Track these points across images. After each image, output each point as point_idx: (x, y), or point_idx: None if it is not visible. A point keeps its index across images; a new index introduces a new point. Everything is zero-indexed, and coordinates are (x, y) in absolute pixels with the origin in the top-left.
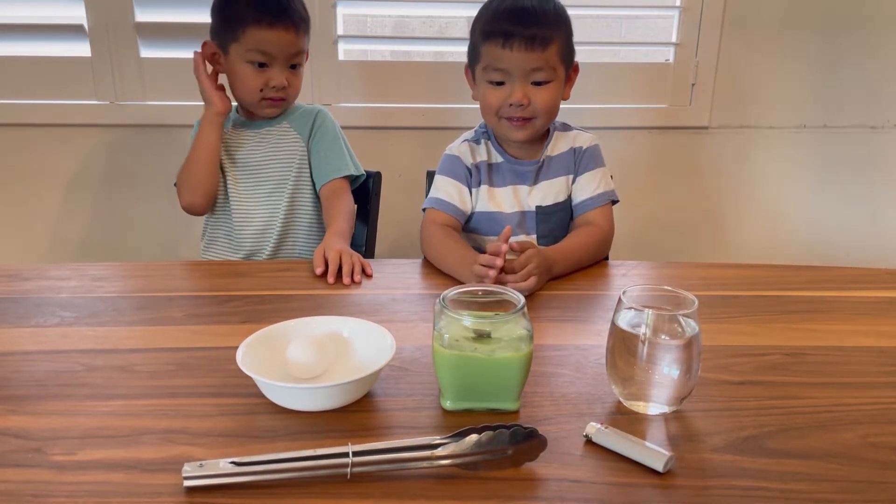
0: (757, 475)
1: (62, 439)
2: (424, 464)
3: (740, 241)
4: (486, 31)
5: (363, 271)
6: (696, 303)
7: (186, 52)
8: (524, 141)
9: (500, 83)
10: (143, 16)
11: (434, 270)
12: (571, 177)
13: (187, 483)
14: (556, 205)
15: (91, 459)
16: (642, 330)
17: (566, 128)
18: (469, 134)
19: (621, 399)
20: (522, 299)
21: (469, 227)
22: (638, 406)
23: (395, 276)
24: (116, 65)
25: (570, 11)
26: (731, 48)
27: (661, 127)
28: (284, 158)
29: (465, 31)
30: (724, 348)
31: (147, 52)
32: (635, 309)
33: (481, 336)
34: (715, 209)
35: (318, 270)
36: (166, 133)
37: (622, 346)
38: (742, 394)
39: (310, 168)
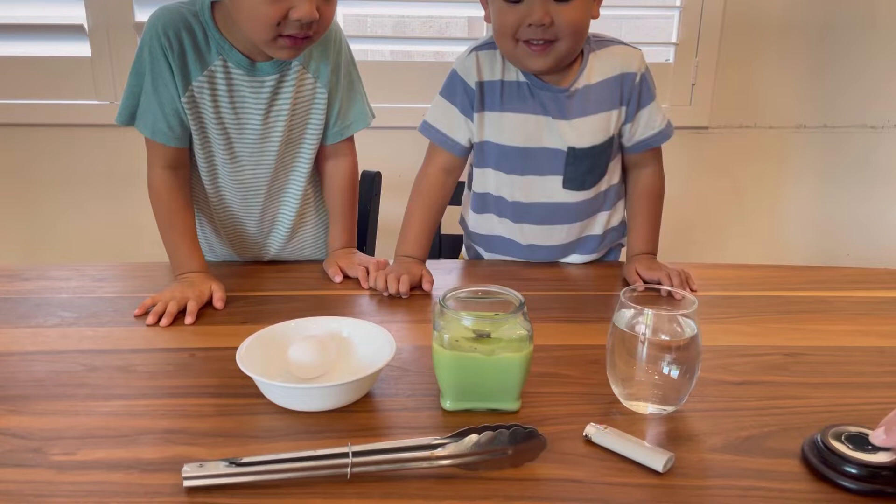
0: (757, 475)
1: (62, 439)
2: (424, 464)
3: (740, 241)
4: None
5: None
6: (696, 303)
7: None
8: (546, 71)
9: (518, 1)
10: (143, 16)
11: (434, 270)
12: (620, 111)
13: (187, 483)
14: (594, 147)
15: (91, 459)
16: (642, 330)
17: (602, 44)
18: (483, 40)
19: (621, 399)
20: (522, 299)
21: (477, 161)
22: (638, 406)
23: None
24: (116, 65)
25: None
26: (731, 48)
27: None
28: (300, 116)
29: (465, 32)
30: (724, 348)
31: None
32: (635, 309)
33: (481, 336)
34: (715, 209)
35: (338, 279)
36: None
37: (622, 346)
38: (742, 394)
39: (324, 118)
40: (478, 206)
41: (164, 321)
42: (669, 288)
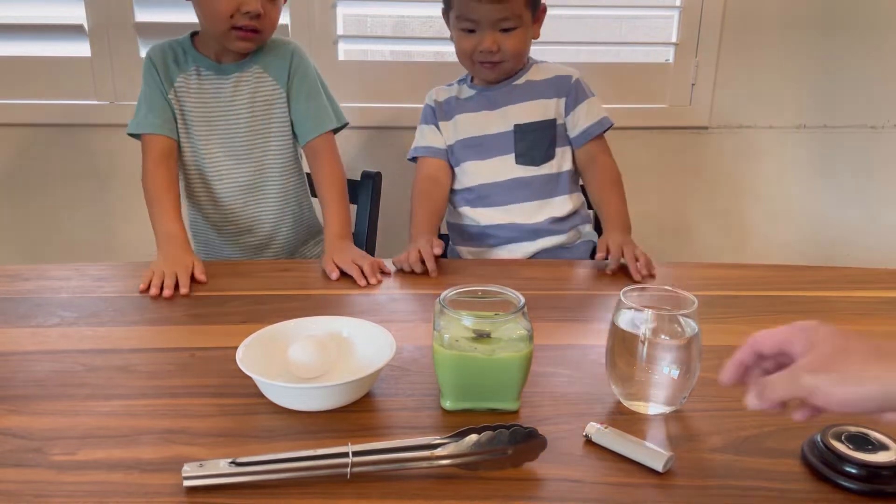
0: (757, 475)
1: (62, 439)
2: (424, 464)
3: (740, 241)
4: None
5: (381, 271)
6: (696, 303)
7: None
8: (496, 80)
9: (472, 31)
10: (143, 16)
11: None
12: (558, 101)
13: (187, 483)
14: (535, 123)
15: (91, 459)
16: (642, 330)
17: (545, 62)
18: (451, 81)
19: (621, 399)
20: (522, 299)
21: (455, 160)
22: (638, 406)
23: (396, 276)
24: (116, 65)
25: (570, 11)
26: (731, 48)
27: (661, 127)
28: (262, 110)
29: None
30: (725, 348)
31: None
32: (635, 309)
33: (481, 336)
34: (714, 209)
35: (334, 276)
36: None
37: (622, 346)
38: (742, 394)
39: (289, 118)
40: (451, 203)
41: (165, 293)
42: (627, 265)
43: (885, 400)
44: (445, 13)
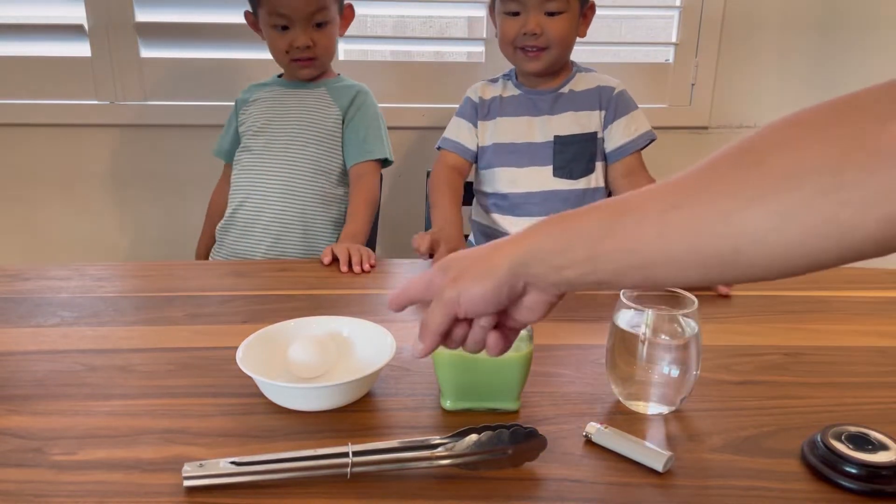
0: (757, 475)
1: (62, 439)
2: (424, 464)
3: None
4: None
5: (369, 262)
6: (696, 303)
7: (186, 53)
8: (538, 72)
9: (516, 13)
10: (143, 16)
11: None
12: (600, 113)
13: (187, 483)
14: (576, 136)
15: (91, 459)
16: (642, 330)
17: (590, 70)
18: (494, 76)
19: (621, 399)
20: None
21: (484, 162)
22: (638, 406)
23: (395, 276)
24: (116, 65)
25: None
26: (731, 48)
27: (661, 127)
28: (314, 119)
29: (465, 32)
30: (724, 348)
31: (147, 52)
32: (635, 309)
33: None
34: None
35: (326, 259)
36: (166, 133)
37: (622, 346)
38: (742, 394)
39: (342, 144)
40: (480, 204)
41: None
42: None
43: (515, 274)
44: (491, 8)
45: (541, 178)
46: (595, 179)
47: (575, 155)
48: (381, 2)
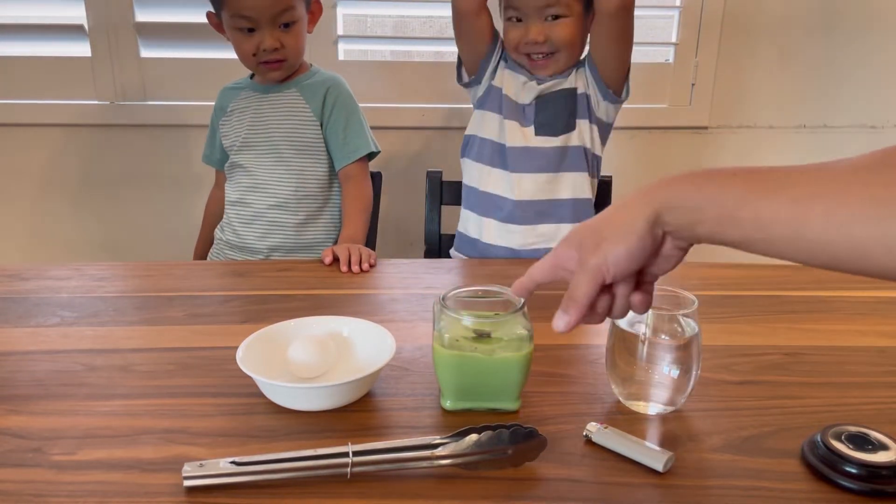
0: (757, 475)
1: (62, 439)
2: (424, 464)
3: None
4: None
5: (369, 261)
6: (696, 303)
7: (186, 52)
8: (550, 76)
9: (519, 20)
10: (143, 16)
11: (434, 270)
12: (578, 71)
13: (187, 483)
14: (556, 92)
15: (91, 459)
16: (642, 330)
17: None
18: None
19: (621, 399)
20: (522, 299)
21: (480, 102)
22: (638, 406)
23: (395, 276)
24: (116, 65)
25: None
26: (731, 48)
27: (661, 127)
28: (292, 128)
29: None
30: (724, 348)
31: (147, 52)
32: None
33: (481, 336)
34: None
35: (327, 260)
36: (166, 133)
37: (622, 346)
38: (742, 394)
39: (325, 144)
40: (465, 151)
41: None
42: None
43: (654, 223)
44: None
45: (524, 136)
46: (577, 137)
47: (557, 111)
48: (381, 2)
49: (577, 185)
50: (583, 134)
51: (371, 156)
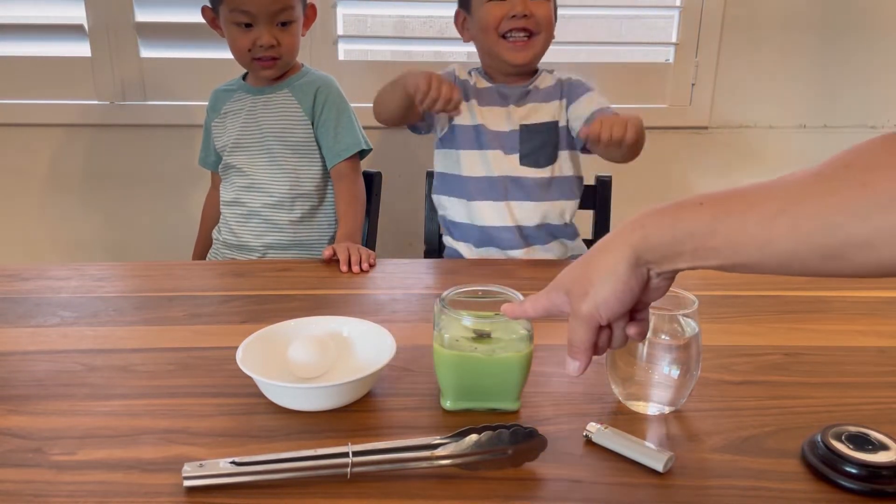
0: (757, 475)
1: (62, 439)
2: (424, 464)
3: None
4: None
5: (369, 261)
6: (697, 303)
7: (186, 53)
8: (526, 63)
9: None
10: (143, 16)
11: (434, 270)
12: (561, 102)
13: (187, 483)
14: (541, 124)
15: (91, 459)
16: None
17: (551, 70)
18: (461, 65)
19: (621, 399)
20: (522, 299)
21: (453, 143)
22: (638, 406)
23: (395, 276)
24: (116, 65)
25: (570, 11)
26: (731, 48)
27: (661, 127)
28: (285, 129)
29: None
30: (724, 348)
31: (147, 52)
32: None
33: (481, 336)
34: None
35: (326, 254)
36: (166, 133)
37: None
38: (742, 394)
39: (317, 143)
40: (441, 188)
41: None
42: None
43: (635, 265)
44: (459, 15)
45: (508, 165)
46: (559, 168)
47: (542, 143)
48: (381, 2)
49: (566, 210)
50: (565, 163)
51: (363, 154)
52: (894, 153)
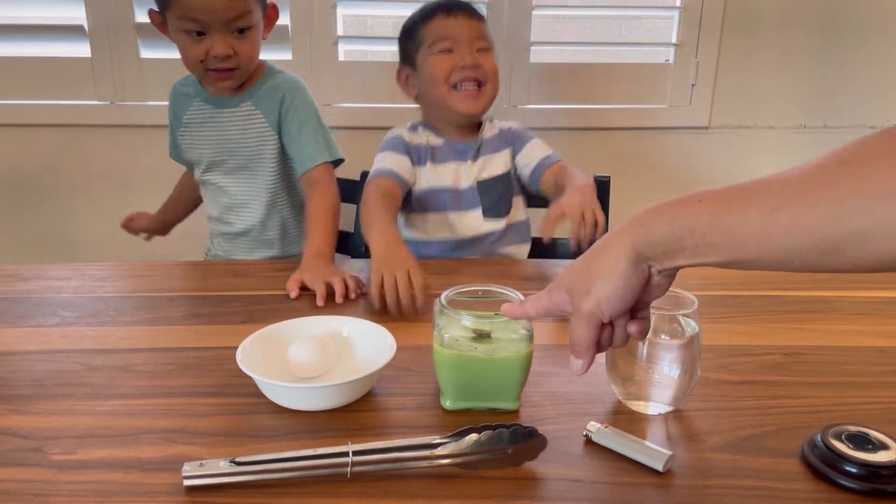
0: (757, 475)
1: (62, 439)
2: (424, 463)
3: None
4: (427, 13)
5: (359, 289)
6: (696, 303)
7: None
8: (477, 114)
9: (450, 50)
10: (143, 16)
11: (433, 270)
12: (509, 150)
13: (187, 482)
14: (495, 178)
15: (91, 459)
16: None
17: (491, 119)
18: (405, 124)
19: (621, 399)
20: (522, 299)
21: (415, 207)
22: (638, 406)
23: None
24: (116, 65)
25: (570, 12)
26: (731, 48)
27: (661, 127)
28: (254, 143)
29: None
30: (724, 348)
31: (147, 53)
32: None
33: (481, 336)
34: None
35: (293, 294)
36: (166, 133)
37: None
38: (742, 394)
39: (279, 152)
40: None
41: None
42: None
43: (636, 262)
44: (402, 71)
45: (474, 222)
46: (514, 215)
47: (499, 195)
48: (381, 2)
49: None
50: (517, 210)
51: (337, 162)
52: (890, 147)
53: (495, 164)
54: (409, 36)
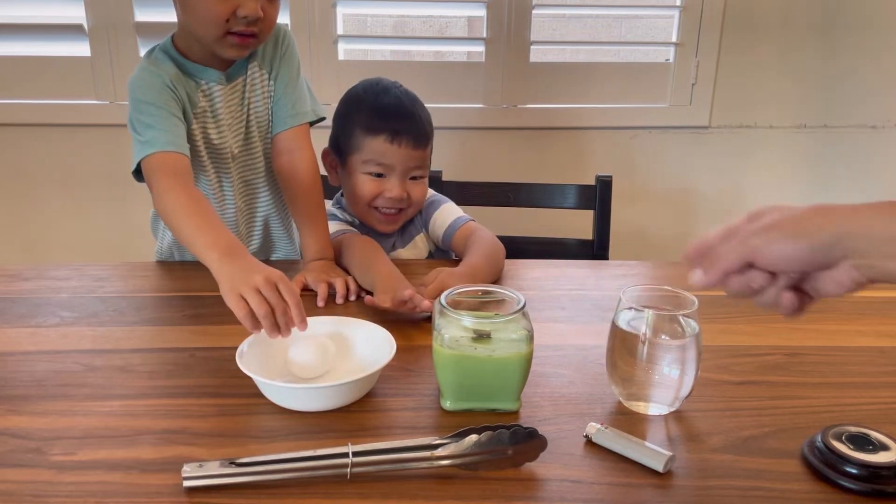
0: (757, 475)
1: (62, 439)
2: (424, 464)
3: None
4: (373, 127)
5: (358, 294)
6: (697, 303)
7: None
8: (392, 233)
9: (380, 175)
10: (143, 16)
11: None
12: (421, 226)
13: (187, 483)
14: (421, 261)
15: (91, 459)
16: (642, 330)
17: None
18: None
19: (621, 399)
20: (522, 299)
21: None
22: (638, 406)
23: None
24: (116, 65)
25: (570, 11)
26: (731, 48)
27: (661, 127)
28: (261, 114)
29: (465, 31)
30: (724, 348)
31: None
32: (635, 309)
33: (481, 336)
34: (714, 209)
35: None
36: None
37: (622, 346)
38: (742, 394)
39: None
40: None
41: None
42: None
43: (837, 242)
44: (331, 152)
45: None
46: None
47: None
48: (381, 2)
49: None
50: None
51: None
52: None
53: (419, 248)
54: (348, 125)
